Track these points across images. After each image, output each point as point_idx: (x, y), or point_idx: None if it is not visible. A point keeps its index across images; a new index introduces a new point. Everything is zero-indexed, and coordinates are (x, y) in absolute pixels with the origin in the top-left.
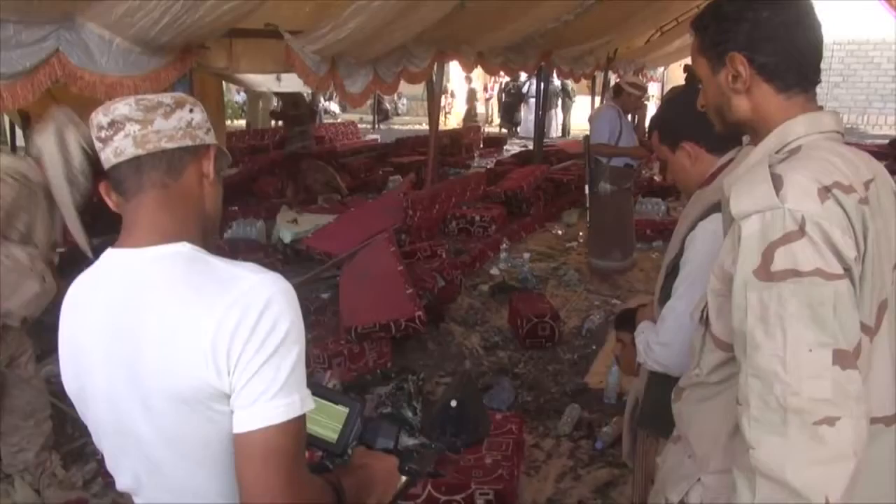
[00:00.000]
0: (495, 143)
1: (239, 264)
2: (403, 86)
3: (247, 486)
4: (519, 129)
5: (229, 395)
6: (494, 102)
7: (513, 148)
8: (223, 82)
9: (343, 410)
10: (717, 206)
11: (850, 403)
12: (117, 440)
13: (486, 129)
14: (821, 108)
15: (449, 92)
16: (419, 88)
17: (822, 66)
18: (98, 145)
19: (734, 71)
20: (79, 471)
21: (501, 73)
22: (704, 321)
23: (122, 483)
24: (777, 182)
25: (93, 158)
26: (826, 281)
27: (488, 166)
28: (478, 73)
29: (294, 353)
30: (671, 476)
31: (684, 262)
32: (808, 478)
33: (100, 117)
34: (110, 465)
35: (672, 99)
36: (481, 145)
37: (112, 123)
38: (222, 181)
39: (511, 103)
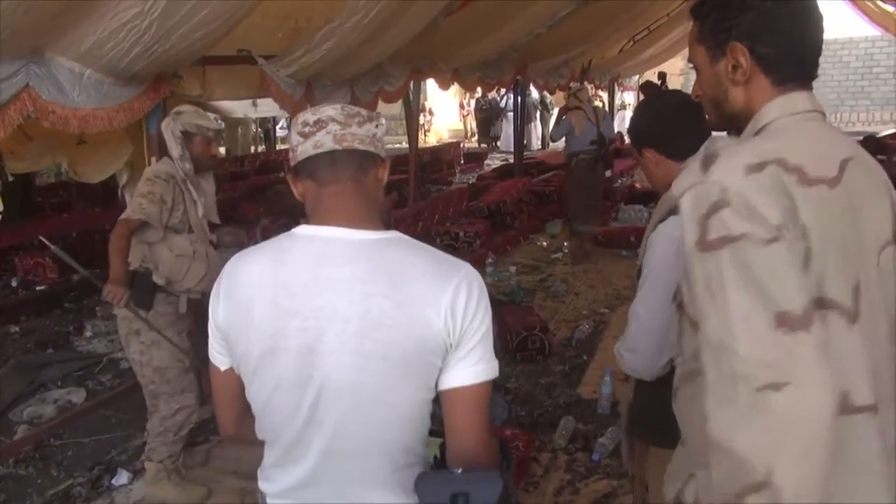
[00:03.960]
0: (476, 158)
1: (446, 254)
2: (381, 105)
3: (462, 429)
4: (499, 142)
5: (447, 350)
6: (472, 118)
7: (493, 162)
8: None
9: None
10: (675, 210)
11: (797, 370)
12: (298, 394)
13: (466, 145)
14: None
15: (427, 109)
16: (397, 107)
17: None
18: (297, 139)
19: (734, 61)
20: None
21: (478, 88)
22: (680, 305)
23: (287, 436)
24: (709, 161)
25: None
26: (756, 245)
27: (470, 181)
28: (455, 89)
29: (491, 332)
30: (671, 474)
31: (644, 266)
32: (752, 445)
33: (307, 115)
34: (273, 419)
35: (639, 105)
36: (462, 161)
37: (318, 122)
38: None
39: (487, 118)
